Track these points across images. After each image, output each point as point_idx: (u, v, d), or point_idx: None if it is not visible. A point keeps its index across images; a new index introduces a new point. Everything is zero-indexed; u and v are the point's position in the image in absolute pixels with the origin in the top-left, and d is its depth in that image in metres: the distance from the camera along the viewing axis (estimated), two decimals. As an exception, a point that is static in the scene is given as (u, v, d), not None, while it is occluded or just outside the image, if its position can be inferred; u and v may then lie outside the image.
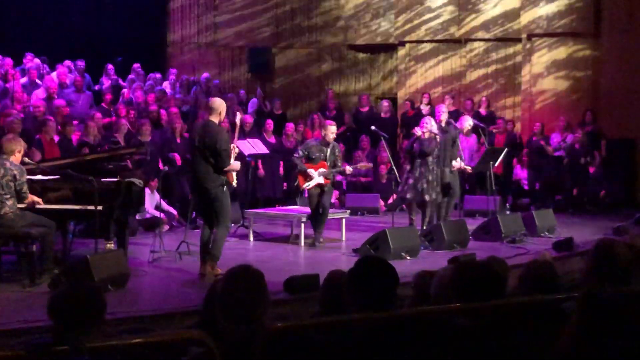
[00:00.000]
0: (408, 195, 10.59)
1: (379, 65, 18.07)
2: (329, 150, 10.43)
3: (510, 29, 16.23)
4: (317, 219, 10.33)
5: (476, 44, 16.67)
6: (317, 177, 10.30)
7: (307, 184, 10.32)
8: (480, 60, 16.67)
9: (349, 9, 17.78)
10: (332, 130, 10.42)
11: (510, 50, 16.41)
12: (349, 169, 10.67)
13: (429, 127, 10.58)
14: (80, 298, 3.08)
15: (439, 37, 16.81)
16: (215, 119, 8.21)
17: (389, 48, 17.64)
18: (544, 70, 15.87)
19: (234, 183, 8.48)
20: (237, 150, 8.79)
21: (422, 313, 3.64)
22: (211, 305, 3.39)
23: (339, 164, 10.52)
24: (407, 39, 17.04)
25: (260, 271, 3.36)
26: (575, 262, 8.84)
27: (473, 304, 3.46)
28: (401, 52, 17.25)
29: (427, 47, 16.99)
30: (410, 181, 10.56)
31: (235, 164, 8.36)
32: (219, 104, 8.35)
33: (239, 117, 9.41)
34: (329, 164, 10.41)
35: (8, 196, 7.58)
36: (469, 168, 11.39)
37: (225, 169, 8.16)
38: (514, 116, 16.12)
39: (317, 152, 10.37)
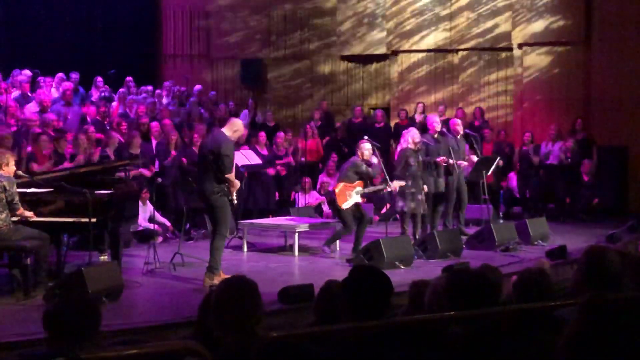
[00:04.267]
0: (406, 209, 10.64)
1: (372, 75, 18.11)
2: (365, 167, 10.26)
3: (502, 37, 16.29)
4: (359, 232, 10.22)
5: (468, 53, 16.73)
6: (355, 196, 10.14)
7: (345, 203, 10.04)
8: (472, 69, 16.72)
9: (341, 20, 17.84)
10: (366, 148, 10.23)
11: (502, 58, 16.46)
12: (393, 185, 10.34)
13: (410, 140, 10.61)
14: (76, 310, 3.10)
15: (431, 46, 16.87)
16: (227, 132, 8.42)
17: (382, 58, 17.69)
18: (535, 78, 15.93)
19: (235, 200, 8.56)
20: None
21: (416, 321, 3.65)
22: (206, 315, 3.40)
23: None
24: (399, 48, 17.09)
25: (254, 281, 3.37)
26: (569, 270, 8.85)
27: (466, 312, 3.47)
28: (394, 61, 17.30)
29: (419, 56, 17.05)
30: (408, 194, 10.62)
31: (236, 181, 8.47)
32: (238, 124, 8.65)
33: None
34: (366, 182, 10.29)
35: (0, 209, 7.58)
36: (460, 162, 11.38)
37: (227, 175, 8.26)
38: (506, 124, 16.16)
39: (364, 170, 10.19)
